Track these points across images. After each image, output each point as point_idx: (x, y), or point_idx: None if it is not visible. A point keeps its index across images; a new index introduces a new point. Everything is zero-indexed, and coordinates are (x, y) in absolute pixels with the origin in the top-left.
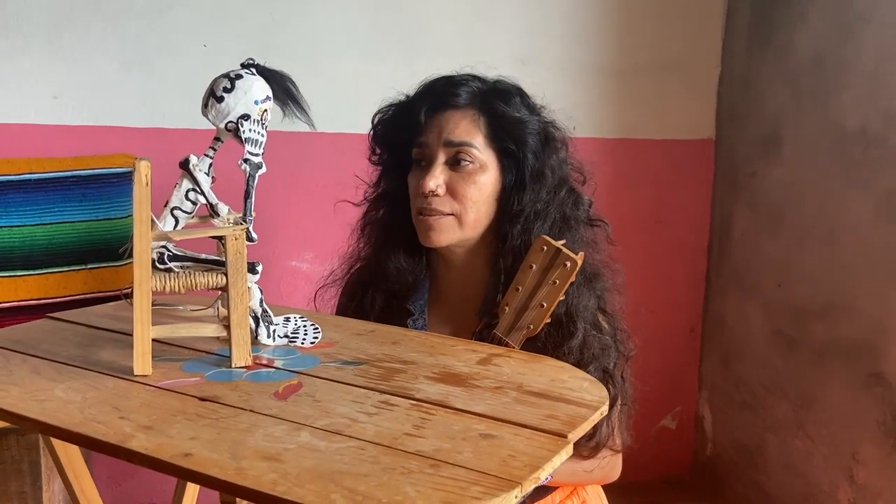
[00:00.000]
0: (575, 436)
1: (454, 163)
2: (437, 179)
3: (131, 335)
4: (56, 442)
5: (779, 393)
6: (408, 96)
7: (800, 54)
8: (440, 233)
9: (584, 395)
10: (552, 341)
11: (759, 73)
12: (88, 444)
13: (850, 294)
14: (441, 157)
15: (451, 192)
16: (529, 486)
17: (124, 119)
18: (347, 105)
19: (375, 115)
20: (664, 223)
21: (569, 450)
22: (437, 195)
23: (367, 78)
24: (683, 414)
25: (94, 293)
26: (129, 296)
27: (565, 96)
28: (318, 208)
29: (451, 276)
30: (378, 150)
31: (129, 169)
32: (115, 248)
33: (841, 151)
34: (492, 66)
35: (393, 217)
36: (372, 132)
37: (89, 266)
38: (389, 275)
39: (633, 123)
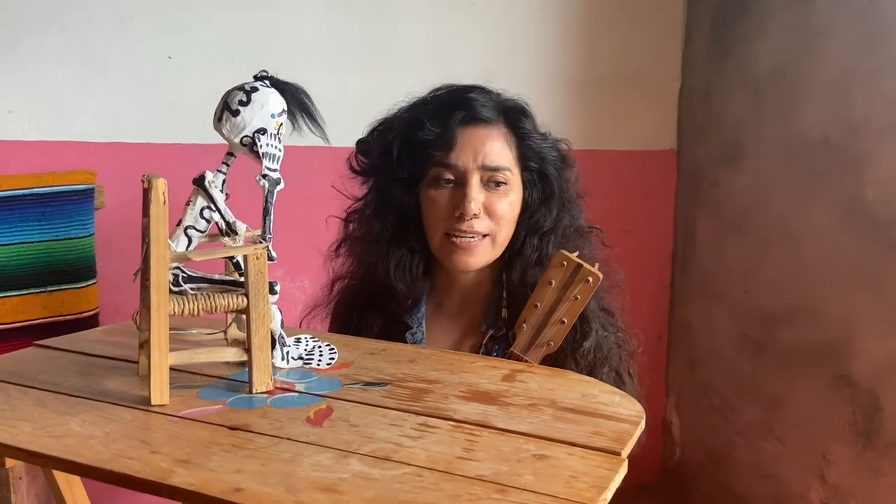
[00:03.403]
0: (626, 452)
1: (489, 183)
2: (478, 202)
3: (132, 362)
4: (59, 477)
5: (747, 397)
6: (420, 105)
7: (760, 66)
8: (477, 256)
9: (619, 409)
10: (568, 345)
11: (720, 84)
12: (122, 482)
13: (816, 298)
14: (476, 178)
15: (488, 212)
16: None
17: (84, 133)
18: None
19: (381, 123)
20: (629, 233)
21: (625, 467)
22: (476, 217)
23: (335, 91)
24: (651, 420)
25: (54, 317)
26: (136, 319)
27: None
28: (289, 224)
29: (453, 288)
30: (381, 161)
31: (90, 186)
32: (76, 269)
33: (803, 160)
34: (459, 79)
35: (395, 230)
36: (377, 142)
37: (49, 289)
38: (393, 291)
39: (596, 135)
